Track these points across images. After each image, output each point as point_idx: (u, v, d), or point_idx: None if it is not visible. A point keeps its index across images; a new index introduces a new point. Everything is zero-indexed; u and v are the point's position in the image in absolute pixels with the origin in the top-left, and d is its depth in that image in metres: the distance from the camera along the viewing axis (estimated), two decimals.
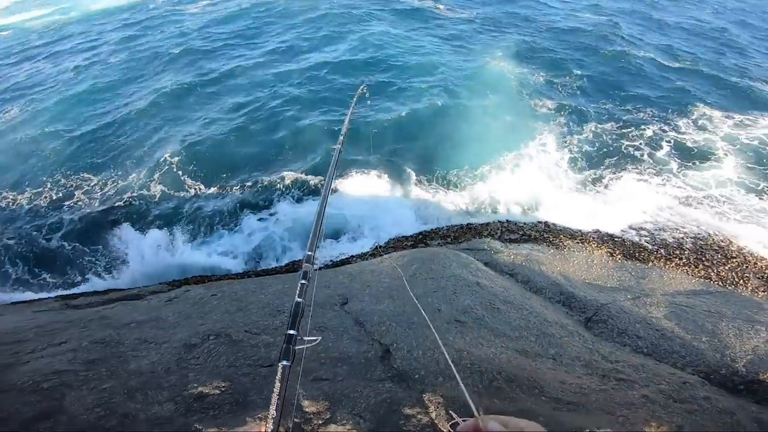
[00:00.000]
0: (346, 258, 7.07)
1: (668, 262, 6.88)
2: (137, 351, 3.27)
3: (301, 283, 0.92)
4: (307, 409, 2.58)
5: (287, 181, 9.18)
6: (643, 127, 11.42)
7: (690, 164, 10.07)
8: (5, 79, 15.85)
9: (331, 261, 7.04)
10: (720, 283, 6.49)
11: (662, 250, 7.27)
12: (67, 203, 9.07)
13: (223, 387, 2.77)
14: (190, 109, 12.24)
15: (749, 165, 10.02)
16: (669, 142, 10.85)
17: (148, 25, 19.58)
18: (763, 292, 6.35)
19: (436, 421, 2.50)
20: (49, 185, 9.61)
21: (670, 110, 12.21)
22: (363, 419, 2.47)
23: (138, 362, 3.11)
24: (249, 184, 9.28)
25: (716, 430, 2.63)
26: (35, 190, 9.49)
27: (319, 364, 3.01)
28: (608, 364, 3.48)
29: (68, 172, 10.00)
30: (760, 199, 9.01)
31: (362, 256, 6.96)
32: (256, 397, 2.68)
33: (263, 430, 0.82)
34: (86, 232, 8.23)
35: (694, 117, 11.95)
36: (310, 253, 0.86)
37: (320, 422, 2.50)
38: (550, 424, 2.46)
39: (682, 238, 7.64)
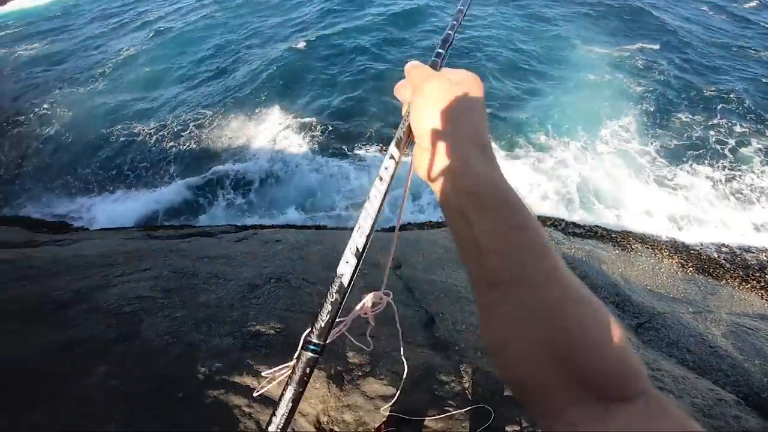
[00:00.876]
0: (405, 224, 7.34)
1: (744, 283, 6.48)
2: (208, 285, 3.52)
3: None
4: (350, 360, 2.80)
5: None
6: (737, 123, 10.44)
7: None
8: None
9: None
10: None
11: (741, 271, 6.83)
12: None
13: (279, 328, 3.01)
14: None
15: None
16: None
17: None
18: None
19: (467, 391, 2.68)
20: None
21: None
22: (399, 376, 2.67)
23: (207, 295, 3.34)
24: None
25: None
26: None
27: (365, 322, 3.30)
28: (649, 371, 3.52)
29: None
30: None
31: (420, 226, 7.19)
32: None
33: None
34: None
35: None
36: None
37: (360, 374, 2.70)
38: None
39: (767, 261, 7.10)
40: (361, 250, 0.65)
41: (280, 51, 13.37)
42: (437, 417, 2.45)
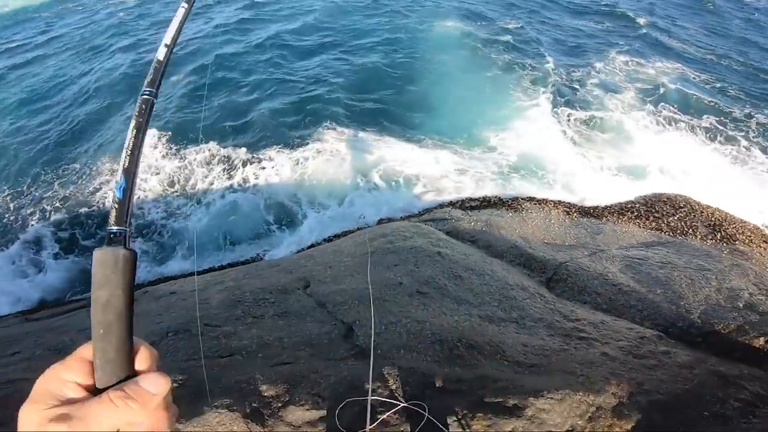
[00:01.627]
0: (309, 246, 6.87)
1: (621, 216, 7.08)
2: None
3: None
4: (265, 393, 2.53)
5: None
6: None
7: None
8: None
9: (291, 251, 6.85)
10: (670, 233, 6.75)
11: (615, 206, 7.48)
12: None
13: (181, 380, 2.69)
14: None
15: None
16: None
17: None
18: (711, 239, 6.66)
19: (395, 393, 2.48)
20: None
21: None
22: (322, 398, 2.44)
23: None
24: None
25: (675, 386, 2.68)
26: None
27: (282, 350, 2.95)
28: (569, 323, 3.52)
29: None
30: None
31: (328, 239, 6.78)
32: (213, 386, 2.58)
33: None
34: None
35: None
36: None
37: (279, 405, 2.47)
38: (510, 387, 2.45)
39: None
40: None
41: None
42: (372, 428, 2.16)
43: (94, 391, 0.51)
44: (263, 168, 8.64)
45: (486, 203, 7.24)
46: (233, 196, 8.05)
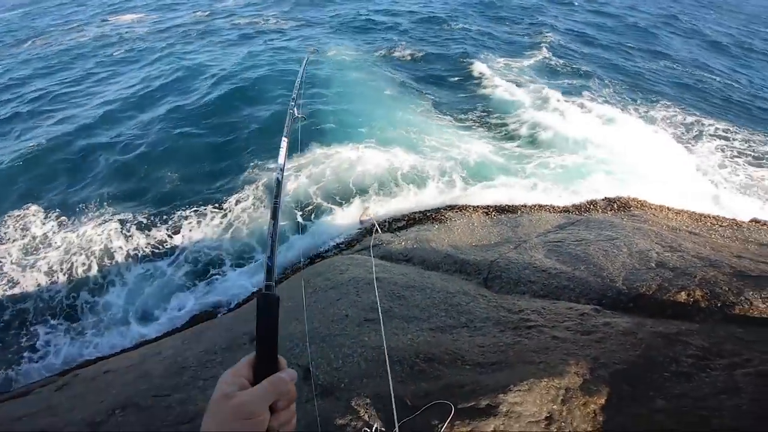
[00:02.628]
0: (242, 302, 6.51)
1: (533, 207, 7.61)
2: None
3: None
4: None
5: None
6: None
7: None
8: None
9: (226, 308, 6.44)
10: (577, 212, 7.38)
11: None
12: None
13: None
14: None
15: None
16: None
17: None
18: (611, 211, 7.38)
19: (369, 421, 2.41)
20: None
21: None
22: None
23: None
24: None
25: (627, 354, 2.83)
26: None
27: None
28: (515, 315, 3.66)
29: None
30: None
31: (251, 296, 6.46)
32: None
33: None
34: None
35: None
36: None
37: None
38: (477, 390, 2.47)
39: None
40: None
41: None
42: None
43: (252, 383, 0.78)
44: (181, 228, 8.15)
45: (411, 221, 7.40)
46: (151, 264, 7.44)
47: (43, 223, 8.45)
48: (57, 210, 8.85)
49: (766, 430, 2.15)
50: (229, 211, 8.46)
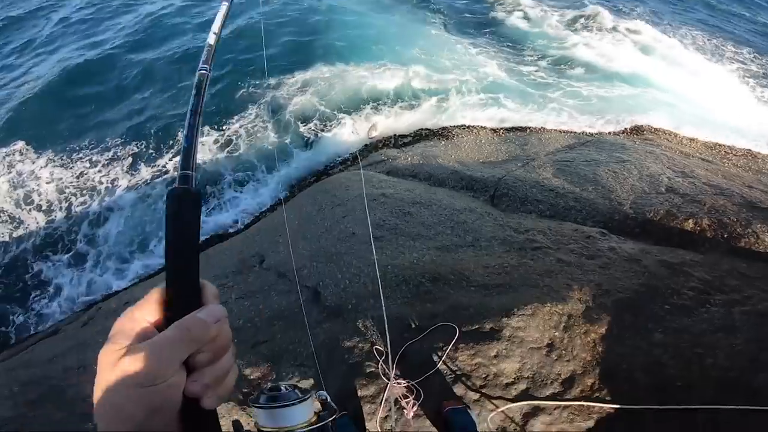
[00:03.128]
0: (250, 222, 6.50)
1: (543, 129, 7.37)
2: (70, 378, 2.98)
3: None
4: (251, 377, 2.47)
5: None
6: None
7: None
8: None
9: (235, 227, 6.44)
10: (587, 134, 7.17)
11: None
12: None
13: None
14: None
15: None
16: None
17: None
18: (623, 133, 7.16)
19: (377, 344, 2.48)
20: None
21: None
22: (306, 366, 2.38)
23: (76, 388, 2.82)
24: None
25: (630, 281, 2.85)
26: None
27: (256, 330, 2.85)
28: (521, 235, 3.68)
29: None
30: None
31: (272, 208, 6.44)
32: None
33: None
34: None
35: None
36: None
37: (268, 386, 2.41)
38: (482, 312, 2.54)
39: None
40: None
41: None
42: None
43: (161, 328, 0.54)
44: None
45: (418, 137, 7.21)
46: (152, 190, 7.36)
47: (33, 161, 8.17)
48: (47, 145, 8.55)
49: (758, 372, 2.20)
50: (227, 129, 8.18)
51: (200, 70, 0.76)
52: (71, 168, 7.82)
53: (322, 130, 7.97)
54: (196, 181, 0.61)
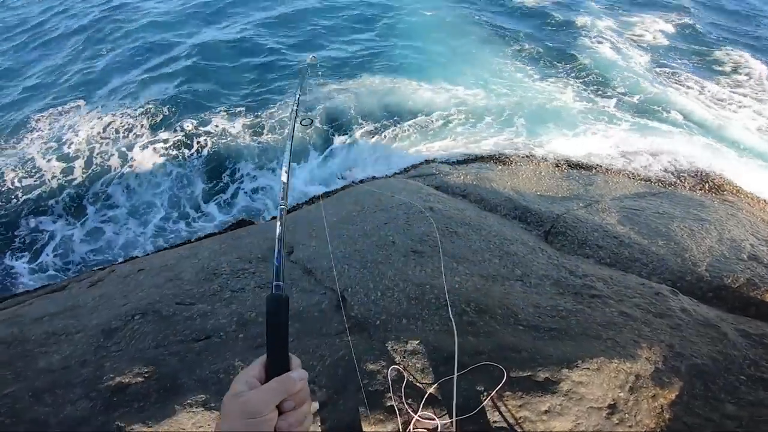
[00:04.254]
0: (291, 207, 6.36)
1: (609, 170, 6.86)
2: (46, 346, 2.77)
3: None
4: None
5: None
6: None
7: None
8: None
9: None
10: (660, 184, 6.59)
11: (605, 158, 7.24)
12: None
13: (147, 372, 2.29)
14: None
15: None
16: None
17: None
18: (700, 189, 6.53)
19: (405, 374, 2.12)
20: None
21: None
22: (317, 386, 2.06)
23: (48, 358, 2.61)
24: None
25: (707, 348, 2.44)
26: None
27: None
28: (578, 279, 3.25)
29: None
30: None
31: (309, 202, 6.29)
32: (186, 378, 2.18)
33: None
34: None
35: None
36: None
37: None
38: (536, 358, 2.15)
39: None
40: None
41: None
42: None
43: (263, 383, 0.78)
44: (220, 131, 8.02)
45: (473, 157, 6.88)
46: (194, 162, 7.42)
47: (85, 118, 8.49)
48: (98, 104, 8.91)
49: None
50: (272, 117, 8.20)
51: (279, 206, 1.00)
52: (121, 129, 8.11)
53: (368, 135, 7.83)
54: (283, 290, 0.85)
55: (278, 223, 0.96)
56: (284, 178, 1.07)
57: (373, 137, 7.77)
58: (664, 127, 8.38)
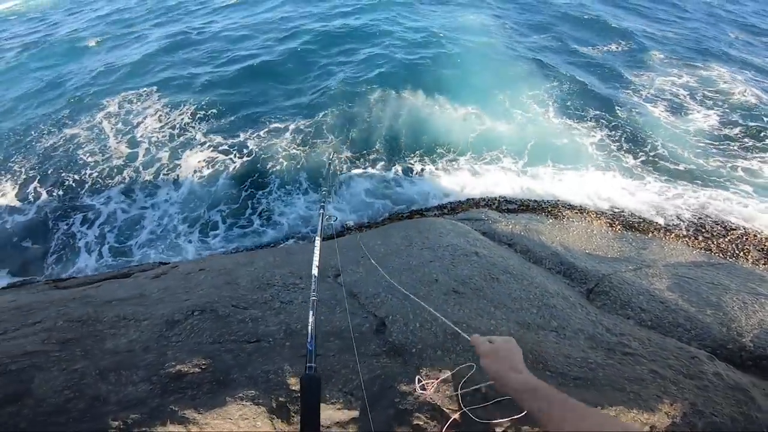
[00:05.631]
0: (339, 231, 6.81)
1: (668, 233, 6.72)
2: (115, 329, 3.08)
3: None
4: (293, 387, 2.39)
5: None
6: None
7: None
8: None
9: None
10: (721, 255, 6.36)
11: (661, 220, 7.10)
12: None
13: (204, 365, 2.57)
14: None
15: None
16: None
17: None
18: (764, 264, 6.24)
19: (433, 399, 2.31)
20: None
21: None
22: (354, 397, 2.28)
23: (115, 341, 2.91)
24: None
25: (730, 408, 2.47)
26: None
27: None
28: (613, 337, 3.31)
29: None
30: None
31: (346, 231, 6.69)
32: (238, 375, 2.48)
33: None
34: None
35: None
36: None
37: None
38: None
39: (681, 210, 7.45)
40: None
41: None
42: None
43: None
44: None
45: (524, 207, 7.00)
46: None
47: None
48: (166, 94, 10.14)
49: None
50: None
51: (312, 296, 1.21)
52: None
53: (419, 168, 8.17)
54: (316, 371, 1.01)
55: (311, 313, 1.12)
56: (314, 272, 1.25)
57: (424, 171, 8.14)
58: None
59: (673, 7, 18.58)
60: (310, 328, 1.08)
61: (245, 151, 8.70)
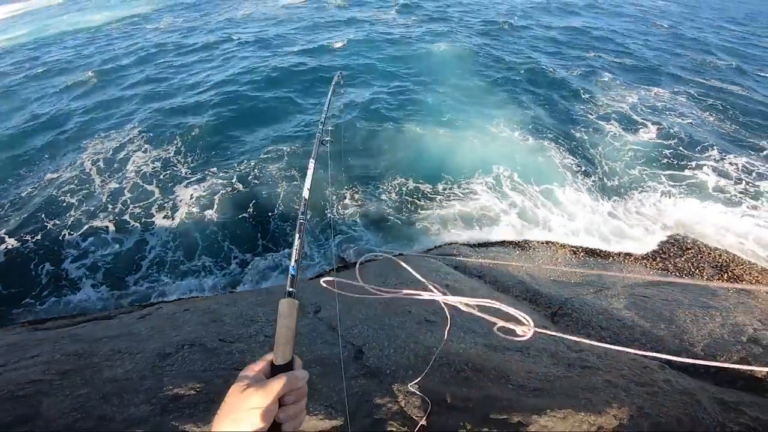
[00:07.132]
0: (318, 274, 7.05)
1: (627, 257, 7.17)
2: (111, 361, 3.29)
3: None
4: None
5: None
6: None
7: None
8: None
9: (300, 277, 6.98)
10: (677, 274, 6.81)
11: (621, 245, 7.58)
12: None
13: (198, 388, 2.80)
14: None
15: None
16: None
17: None
18: (718, 279, 6.70)
19: (404, 408, 2.57)
20: None
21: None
22: (335, 410, 2.53)
23: (112, 371, 3.13)
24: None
25: (677, 411, 2.75)
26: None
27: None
28: (573, 354, 3.61)
29: None
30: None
31: (328, 272, 6.95)
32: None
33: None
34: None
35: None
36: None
37: None
38: (514, 406, 2.55)
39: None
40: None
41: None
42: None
43: (268, 377, 0.89)
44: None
45: (492, 243, 7.40)
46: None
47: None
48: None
49: None
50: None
51: (299, 219, 1.16)
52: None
53: (394, 212, 8.51)
54: (296, 296, 1.00)
55: (297, 236, 1.09)
56: (305, 194, 1.24)
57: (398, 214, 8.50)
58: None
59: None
60: (294, 251, 1.08)
61: (234, 187, 9.02)
